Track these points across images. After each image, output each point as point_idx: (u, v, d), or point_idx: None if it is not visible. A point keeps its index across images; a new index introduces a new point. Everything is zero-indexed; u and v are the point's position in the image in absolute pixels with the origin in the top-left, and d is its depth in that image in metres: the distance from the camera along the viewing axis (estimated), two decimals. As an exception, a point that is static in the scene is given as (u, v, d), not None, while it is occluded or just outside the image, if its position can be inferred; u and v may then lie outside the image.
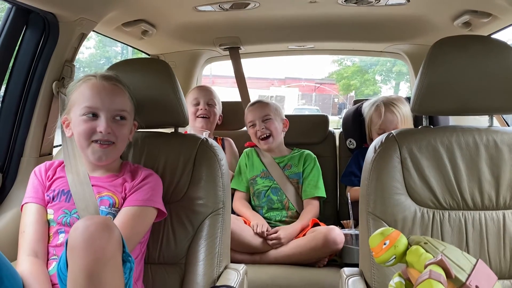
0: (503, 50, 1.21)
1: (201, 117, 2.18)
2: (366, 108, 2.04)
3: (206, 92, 2.24)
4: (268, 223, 1.93)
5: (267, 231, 1.84)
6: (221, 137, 2.25)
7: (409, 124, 1.94)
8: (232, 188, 2.03)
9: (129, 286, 0.98)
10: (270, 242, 1.82)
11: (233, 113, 2.37)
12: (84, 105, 1.20)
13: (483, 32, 1.86)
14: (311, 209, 1.95)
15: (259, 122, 2.04)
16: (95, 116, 1.19)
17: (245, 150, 2.16)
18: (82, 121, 1.20)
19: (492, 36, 1.89)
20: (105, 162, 1.23)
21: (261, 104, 2.10)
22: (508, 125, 2.23)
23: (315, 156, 2.09)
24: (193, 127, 2.16)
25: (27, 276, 1.08)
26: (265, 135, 2.04)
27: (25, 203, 1.23)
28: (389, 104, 1.93)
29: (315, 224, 1.89)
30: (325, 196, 2.01)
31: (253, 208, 2.03)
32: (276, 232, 1.83)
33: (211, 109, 2.20)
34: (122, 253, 0.96)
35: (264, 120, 2.04)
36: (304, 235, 1.84)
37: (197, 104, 2.20)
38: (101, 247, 0.90)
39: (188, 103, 2.20)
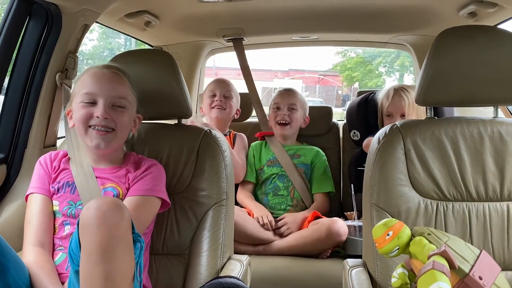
0: (509, 40, 1.20)
1: (216, 108, 2.16)
2: (379, 94, 2.05)
3: (223, 84, 2.23)
4: (272, 212, 1.95)
5: (274, 222, 1.87)
6: (234, 132, 2.25)
7: (420, 113, 1.89)
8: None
9: (139, 265, 0.98)
10: (281, 231, 1.85)
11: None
12: (83, 92, 1.20)
13: (489, 22, 1.84)
14: (322, 203, 2.01)
15: (284, 108, 2.10)
16: (94, 102, 1.19)
17: (252, 144, 2.19)
18: (81, 107, 1.20)
19: (498, 26, 1.87)
20: (104, 150, 1.23)
21: (292, 93, 2.18)
22: (514, 117, 2.22)
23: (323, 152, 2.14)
24: (209, 117, 2.17)
25: (33, 266, 1.09)
26: (284, 122, 2.09)
27: (30, 193, 1.24)
28: (399, 89, 1.95)
29: (317, 217, 1.89)
30: (334, 191, 2.07)
31: (259, 195, 2.06)
32: (282, 220, 1.87)
33: (227, 101, 2.19)
34: (132, 233, 0.96)
35: (290, 109, 2.10)
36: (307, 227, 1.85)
37: (213, 95, 2.18)
38: (115, 223, 0.90)
39: (205, 96, 2.22)
